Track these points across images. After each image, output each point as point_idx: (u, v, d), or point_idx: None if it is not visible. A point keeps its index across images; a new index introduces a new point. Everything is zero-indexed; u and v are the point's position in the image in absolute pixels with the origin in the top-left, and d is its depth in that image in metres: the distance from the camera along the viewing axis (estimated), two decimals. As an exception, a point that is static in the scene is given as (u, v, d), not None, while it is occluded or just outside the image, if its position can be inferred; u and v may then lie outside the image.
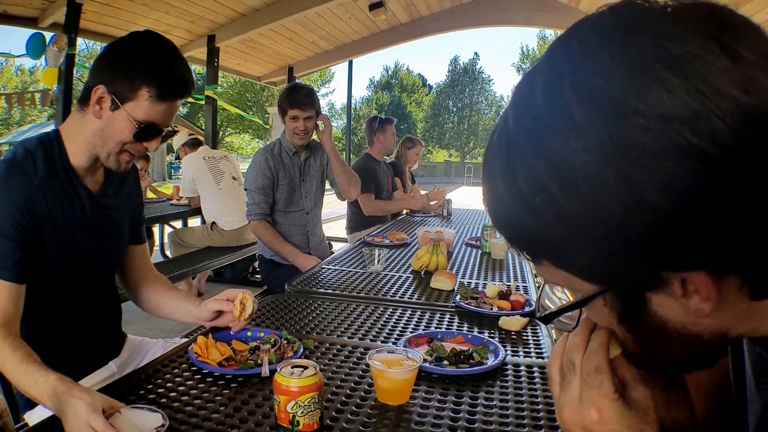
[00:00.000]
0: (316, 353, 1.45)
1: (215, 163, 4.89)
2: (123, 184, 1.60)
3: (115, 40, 1.38)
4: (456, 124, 45.58)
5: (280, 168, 3.13)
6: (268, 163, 3.09)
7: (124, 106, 1.33)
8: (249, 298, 1.50)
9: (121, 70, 1.32)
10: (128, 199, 1.63)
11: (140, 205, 1.71)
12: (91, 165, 1.44)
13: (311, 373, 0.95)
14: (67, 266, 1.42)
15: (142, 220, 1.72)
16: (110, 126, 1.36)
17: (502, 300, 1.90)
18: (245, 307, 1.48)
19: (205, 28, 6.26)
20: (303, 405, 0.92)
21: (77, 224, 1.43)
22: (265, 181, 3.08)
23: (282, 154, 3.17)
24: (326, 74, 34.95)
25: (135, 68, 1.32)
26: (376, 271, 2.41)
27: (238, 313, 1.48)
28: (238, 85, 29.35)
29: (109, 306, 1.64)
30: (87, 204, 1.45)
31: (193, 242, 4.86)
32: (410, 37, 7.86)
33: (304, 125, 3.06)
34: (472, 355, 1.40)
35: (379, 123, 4.59)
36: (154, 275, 1.75)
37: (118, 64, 1.33)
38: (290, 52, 7.67)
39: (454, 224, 4.07)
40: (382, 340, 1.58)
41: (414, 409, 1.14)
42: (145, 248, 1.76)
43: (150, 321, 4.21)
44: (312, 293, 2.10)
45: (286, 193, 3.14)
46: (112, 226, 1.55)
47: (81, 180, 1.44)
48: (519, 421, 1.10)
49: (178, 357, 1.39)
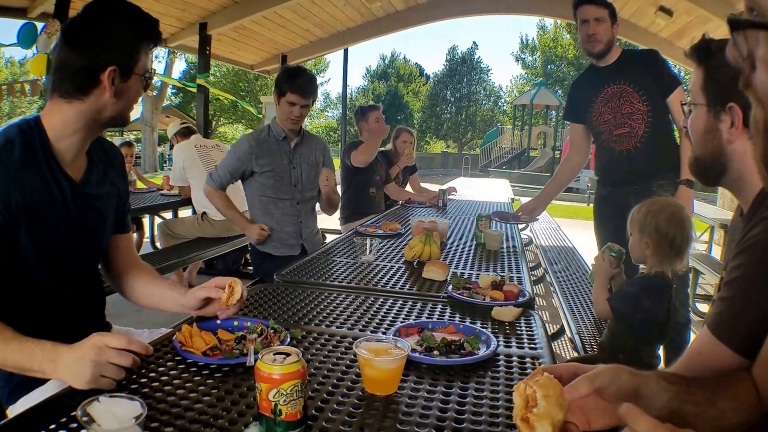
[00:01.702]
0: (304, 343, 1.42)
1: (207, 152, 4.84)
2: (107, 172, 1.56)
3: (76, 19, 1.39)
4: (454, 115, 45.33)
5: (265, 154, 3.09)
6: (251, 150, 3.08)
7: (136, 70, 1.40)
8: (238, 283, 1.46)
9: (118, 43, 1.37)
10: (113, 188, 1.58)
11: (126, 194, 1.67)
12: (75, 152, 1.41)
13: (294, 360, 0.91)
14: (46, 258, 1.38)
15: (127, 209, 1.68)
16: (126, 95, 1.42)
17: (495, 290, 1.87)
18: (233, 292, 1.44)
19: (196, 15, 6.20)
20: (285, 393, 0.89)
21: (58, 214, 1.38)
22: (237, 164, 3.12)
23: (270, 140, 3.14)
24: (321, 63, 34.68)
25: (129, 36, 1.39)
26: (367, 261, 2.38)
27: (226, 298, 1.44)
28: (231, 74, 29.14)
29: (91, 298, 1.60)
30: (69, 193, 1.41)
31: (183, 233, 4.81)
32: (406, 24, 7.81)
33: (300, 112, 3.03)
34: (463, 345, 1.37)
35: (362, 112, 4.57)
36: (140, 264, 1.71)
37: (113, 39, 1.36)
38: (284, 40, 7.61)
39: (449, 215, 4.04)
40: (371, 330, 1.55)
41: (402, 399, 1.12)
42: (131, 237, 1.73)
43: (140, 314, 4.16)
44: (301, 283, 2.06)
45: (272, 179, 3.11)
46: (95, 216, 1.50)
47: (63, 168, 1.40)
48: (510, 413, 1.07)
49: (162, 346, 1.36)
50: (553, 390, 0.83)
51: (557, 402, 0.82)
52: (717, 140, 1.15)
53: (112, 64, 1.34)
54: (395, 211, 4.27)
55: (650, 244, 1.92)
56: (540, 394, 0.83)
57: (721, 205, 8.66)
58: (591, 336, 2.64)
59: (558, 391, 0.83)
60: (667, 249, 1.90)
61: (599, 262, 2.14)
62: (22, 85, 5.28)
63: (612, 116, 3.00)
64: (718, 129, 1.14)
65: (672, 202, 2.05)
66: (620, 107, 2.97)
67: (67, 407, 1.00)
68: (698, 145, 1.19)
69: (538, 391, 0.83)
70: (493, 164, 28.59)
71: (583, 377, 0.87)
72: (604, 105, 3.02)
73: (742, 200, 1.19)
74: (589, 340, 2.59)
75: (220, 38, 6.82)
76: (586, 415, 0.88)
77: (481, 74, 46.13)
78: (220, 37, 6.73)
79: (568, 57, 35.43)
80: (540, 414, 0.81)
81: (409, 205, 4.51)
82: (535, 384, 0.84)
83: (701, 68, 1.16)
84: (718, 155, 1.16)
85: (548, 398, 0.82)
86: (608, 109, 3.01)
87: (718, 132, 1.14)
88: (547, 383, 0.84)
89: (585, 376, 0.87)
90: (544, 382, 0.84)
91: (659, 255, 1.92)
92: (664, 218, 1.90)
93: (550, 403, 0.82)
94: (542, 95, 27.85)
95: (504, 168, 26.81)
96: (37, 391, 1.36)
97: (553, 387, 0.84)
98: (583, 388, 0.85)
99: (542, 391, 0.83)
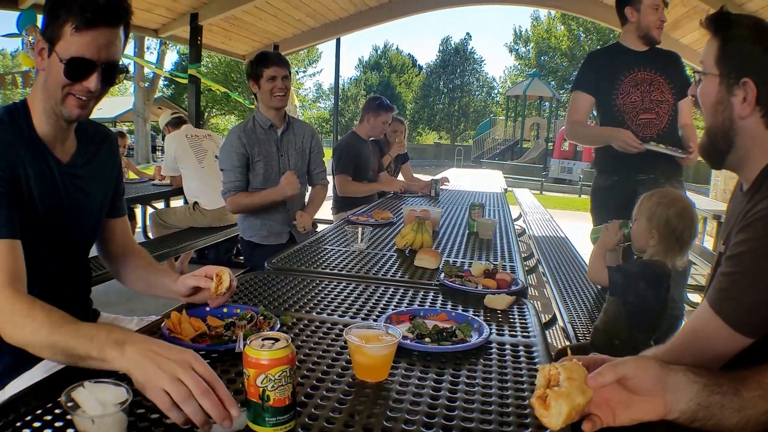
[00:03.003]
0: (294, 330, 1.41)
1: (198, 142, 4.80)
2: (96, 154, 1.53)
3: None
4: (447, 106, 45.22)
5: (255, 144, 3.06)
6: (242, 141, 3.03)
7: (56, 48, 1.26)
8: (226, 272, 1.44)
9: (49, 13, 1.26)
10: (102, 170, 1.55)
11: (118, 176, 1.63)
12: (58, 132, 1.38)
13: (282, 345, 0.90)
14: (35, 236, 1.34)
15: (120, 193, 1.65)
16: (50, 73, 1.29)
17: (488, 278, 1.86)
18: (222, 281, 1.43)
19: (187, 6, 6.13)
20: (273, 379, 0.87)
21: (48, 195, 1.36)
22: (241, 159, 3.03)
23: (257, 130, 3.10)
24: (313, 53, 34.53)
25: (57, 5, 1.25)
26: (359, 249, 2.36)
27: (214, 288, 1.42)
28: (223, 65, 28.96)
29: (78, 283, 1.58)
30: (57, 175, 1.38)
31: (175, 223, 4.78)
32: (400, 14, 7.74)
33: (283, 83, 3.00)
34: (455, 332, 1.36)
35: (378, 105, 4.42)
36: (136, 250, 1.69)
37: (48, 8, 1.27)
38: (275, 29, 7.54)
39: (441, 204, 4.03)
40: (362, 317, 1.54)
41: (392, 386, 1.10)
42: (125, 221, 1.70)
43: (131, 302, 4.15)
44: (292, 271, 2.04)
45: (262, 169, 3.07)
46: (84, 199, 1.48)
47: (50, 150, 1.37)
48: (503, 401, 1.06)
49: (151, 333, 1.34)
50: (578, 374, 0.83)
51: (580, 387, 0.81)
52: (728, 112, 1.14)
53: (42, 33, 1.27)
54: (388, 200, 4.25)
55: (656, 235, 1.92)
56: (564, 376, 0.82)
57: (713, 196, 8.71)
58: (584, 326, 2.64)
59: (582, 376, 0.83)
60: (672, 243, 1.91)
61: (611, 231, 2.11)
62: (14, 77, 5.24)
63: (640, 99, 3.02)
64: (730, 102, 1.13)
65: (682, 197, 2.05)
66: (650, 92, 3.01)
67: (53, 393, 0.98)
68: (708, 114, 1.18)
69: (562, 372, 0.83)
70: (486, 155, 28.63)
71: (608, 365, 0.86)
72: (633, 86, 3.03)
73: (744, 177, 1.18)
74: (582, 329, 2.59)
75: (212, 28, 6.74)
76: (612, 408, 0.87)
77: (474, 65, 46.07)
78: (211, 27, 6.66)
79: (562, 48, 35.43)
80: (559, 393, 0.80)
81: (402, 194, 4.48)
82: (560, 365, 0.83)
83: (717, 38, 1.15)
84: (728, 129, 1.15)
85: (571, 381, 0.81)
86: (638, 91, 3.03)
87: (729, 105, 1.13)
88: (573, 367, 0.83)
89: (610, 364, 0.86)
90: (571, 365, 0.84)
91: (663, 247, 1.92)
92: (675, 212, 1.90)
93: (573, 386, 0.81)
94: (535, 86, 27.86)
95: (497, 159, 26.85)
96: (27, 375, 1.34)
97: (578, 371, 0.83)
98: (608, 376, 0.84)
99: (567, 373, 0.82)
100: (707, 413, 0.86)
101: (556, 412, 0.80)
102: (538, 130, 28.59)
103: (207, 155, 4.74)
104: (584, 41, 34.21)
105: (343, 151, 4.33)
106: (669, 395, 0.86)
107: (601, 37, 32.74)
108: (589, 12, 7.24)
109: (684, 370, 0.88)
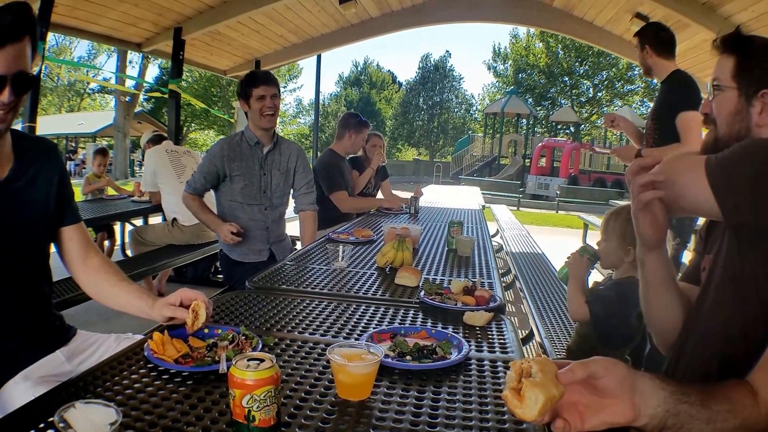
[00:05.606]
0: (276, 350, 1.42)
1: (177, 157, 4.81)
2: (38, 167, 1.53)
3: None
4: (426, 122, 45.55)
5: (237, 158, 3.09)
6: (223, 152, 3.08)
7: None
8: (201, 306, 1.45)
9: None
10: (43, 181, 1.54)
11: (61, 183, 1.61)
12: None
13: (267, 366, 0.92)
14: None
15: (68, 200, 1.63)
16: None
17: (467, 295, 1.89)
18: (198, 316, 1.44)
19: (171, 20, 6.15)
20: (259, 399, 0.89)
21: None
22: (212, 168, 3.11)
23: (242, 145, 3.14)
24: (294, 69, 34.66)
25: None
26: (340, 267, 2.38)
27: (190, 323, 1.43)
28: (204, 80, 28.89)
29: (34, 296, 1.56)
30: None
31: (153, 240, 4.75)
32: (380, 31, 7.85)
33: (272, 102, 3.03)
34: (435, 350, 1.38)
35: (359, 122, 4.53)
36: (99, 259, 1.68)
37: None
38: (257, 45, 7.58)
39: (421, 221, 4.07)
40: (344, 336, 1.56)
41: (375, 404, 1.12)
42: (81, 228, 1.68)
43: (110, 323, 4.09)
44: (273, 290, 2.06)
45: (242, 183, 3.10)
46: (24, 212, 1.48)
47: None
48: (483, 416, 1.09)
49: (134, 354, 1.35)
50: (550, 368, 0.83)
51: (552, 380, 0.82)
52: (746, 122, 1.21)
53: None
54: (368, 217, 4.29)
55: (632, 251, 1.95)
56: (536, 368, 0.82)
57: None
58: (560, 341, 2.69)
59: (554, 371, 0.83)
60: None
61: (576, 262, 2.15)
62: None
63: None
64: (748, 112, 1.21)
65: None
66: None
67: (44, 413, 0.99)
68: (724, 124, 1.24)
69: (534, 366, 0.83)
70: (465, 171, 28.86)
71: (577, 363, 0.87)
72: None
73: None
74: (558, 345, 2.64)
75: (194, 43, 6.76)
76: (580, 412, 0.88)
77: (454, 82, 46.54)
78: (193, 42, 6.68)
79: (540, 65, 36.02)
80: (534, 382, 0.80)
81: (382, 212, 4.52)
82: (532, 360, 0.84)
83: (732, 57, 1.23)
84: (744, 137, 1.21)
85: (545, 373, 0.82)
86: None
87: (747, 115, 1.21)
88: (544, 362, 0.84)
89: (580, 362, 0.87)
90: (542, 360, 0.84)
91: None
92: None
93: (546, 378, 0.81)
94: (513, 104, 28.27)
95: (475, 175, 27.09)
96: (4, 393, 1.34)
97: (549, 366, 0.84)
98: (578, 372, 0.85)
99: (539, 366, 0.83)
100: (677, 421, 0.87)
101: (532, 402, 0.79)
102: (516, 147, 28.97)
103: (185, 171, 4.73)
104: (562, 58, 34.83)
105: (328, 169, 4.37)
106: (637, 398, 0.87)
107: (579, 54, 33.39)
108: (567, 29, 7.37)
109: (651, 375, 0.90)
